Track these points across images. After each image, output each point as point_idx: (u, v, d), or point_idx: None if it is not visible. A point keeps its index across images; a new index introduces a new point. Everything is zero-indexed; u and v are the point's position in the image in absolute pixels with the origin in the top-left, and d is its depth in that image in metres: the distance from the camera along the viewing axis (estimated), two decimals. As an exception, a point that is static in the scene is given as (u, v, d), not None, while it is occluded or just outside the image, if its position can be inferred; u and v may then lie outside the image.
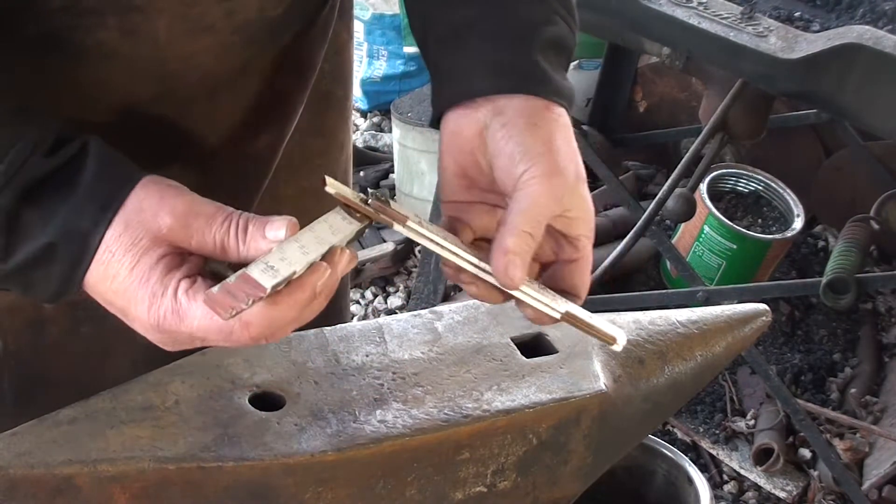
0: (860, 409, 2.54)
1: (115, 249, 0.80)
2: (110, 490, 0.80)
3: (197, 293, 0.78)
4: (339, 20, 1.15)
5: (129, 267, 0.80)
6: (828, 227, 3.04)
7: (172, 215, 0.80)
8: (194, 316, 0.79)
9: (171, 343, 0.83)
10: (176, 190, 0.82)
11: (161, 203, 0.80)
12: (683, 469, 1.35)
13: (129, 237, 0.80)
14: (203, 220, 0.80)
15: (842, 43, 1.85)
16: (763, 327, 1.12)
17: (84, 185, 0.80)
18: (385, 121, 3.63)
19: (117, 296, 0.81)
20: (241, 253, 0.80)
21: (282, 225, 0.79)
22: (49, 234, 0.80)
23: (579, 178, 0.89)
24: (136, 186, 0.81)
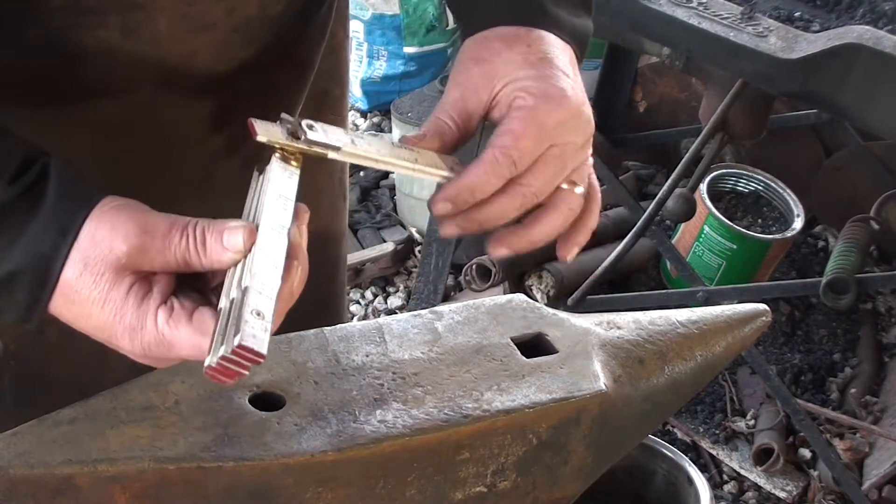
0: (860, 409, 2.54)
1: (79, 288, 0.80)
2: (110, 490, 0.80)
3: (178, 322, 0.79)
4: (336, 20, 1.16)
5: (99, 304, 0.80)
6: (828, 227, 3.04)
7: (127, 243, 0.79)
8: (182, 345, 0.79)
9: (153, 364, 0.83)
10: (127, 213, 0.81)
11: (113, 233, 0.79)
12: (683, 469, 1.35)
13: (90, 275, 0.80)
14: (160, 240, 0.80)
15: (842, 43, 1.85)
16: (763, 327, 1.12)
17: (45, 210, 0.80)
18: (385, 121, 3.63)
19: (97, 330, 0.82)
20: (203, 265, 0.80)
21: (238, 233, 0.79)
22: (13, 261, 0.80)
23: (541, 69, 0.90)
24: (92, 211, 0.80)
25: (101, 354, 1.11)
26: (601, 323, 1.04)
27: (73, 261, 0.80)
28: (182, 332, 0.79)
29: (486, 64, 0.91)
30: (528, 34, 0.92)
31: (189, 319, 0.79)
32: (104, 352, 1.11)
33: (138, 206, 0.82)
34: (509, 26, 0.93)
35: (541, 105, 0.88)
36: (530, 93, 0.89)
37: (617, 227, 2.80)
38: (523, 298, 1.05)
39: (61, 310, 0.82)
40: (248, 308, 0.75)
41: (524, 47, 0.91)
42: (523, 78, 0.90)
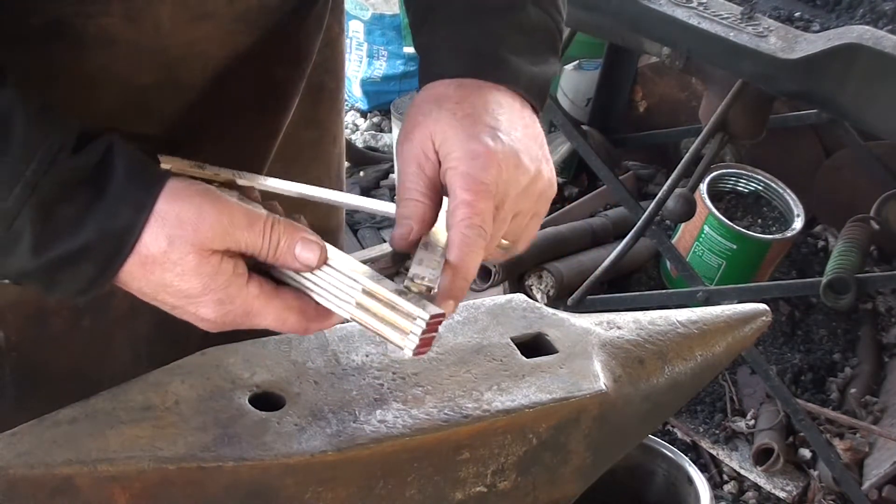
0: (860, 409, 2.54)
1: (163, 262, 0.83)
2: (110, 490, 0.80)
3: (269, 297, 0.85)
4: (332, 13, 1.16)
5: (186, 279, 0.84)
6: (828, 227, 3.03)
7: (212, 229, 0.83)
8: (265, 317, 0.86)
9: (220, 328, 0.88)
10: (209, 198, 0.84)
11: (200, 217, 0.83)
12: (683, 469, 1.35)
13: (176, 253, 0.83)
14: (241, 232, 0.84)
15: (842, 43, 1.85)
16: (763, 327, 1.12)
17: (115, 185, 0.82)
18: (385, 121, 3.62)
19: (170, 298, 0.85)
20: (270, 262, 0.86)
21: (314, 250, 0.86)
22: (85, 235, 0.81)
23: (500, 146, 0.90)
24: (165, 189, 0.83)
25: (103, 347, 1.11)
26: (601, 323, 1.04)
27: (156, 237, 0.82)
28: (271, 306, 0.85)
29: (422, 127, 0.91)
30: (458, 91, 0.92)
31: (276, 295, 0.86)
32: (106, 344, 1.11)
33: (214, 191, 0.85)
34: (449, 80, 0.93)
35: (470, 165, 0.88)
36: (455, 155, 0.89)
37: (617, 227, 2.80)
38: (523, 298, 1.05)
39: (133, 282, 0.85)
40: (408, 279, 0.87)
41: (452, 104, 0.91)
42: (450, 138, 0.90)
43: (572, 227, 2.79)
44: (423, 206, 0.91)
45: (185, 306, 0.86)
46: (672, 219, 2.51)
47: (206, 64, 1.01)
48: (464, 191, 0.88)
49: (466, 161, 0.89)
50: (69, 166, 0.81)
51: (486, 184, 0.88)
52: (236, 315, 0.86)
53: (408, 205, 0.91)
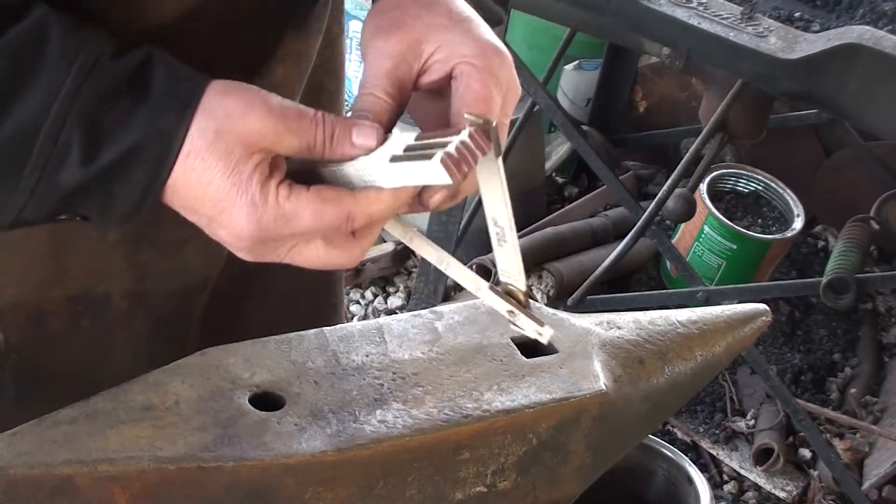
0: (860, 409, 2.54)
1: (206, 156, 0.81)
2: (110, 490, 0.80)
3: (299, 195, 0.82)
4: (332, 14, 1.16)
5: (223, 175, 0.82)
6: (828, 227, 3.04)
7: (261, 122, 0.82)
8: (302, 214, 0.82)
9: (259, 249, 0.85)
10: (256, 93, 0.83)
11: (249, 109, 0.82)
12: (683, 469, 1.35)
13: (222, 145, 0.81)
14: (292, 124, 0.83)
15: (842, 43, 1.85)
16: (763, 327, 1.12)
17: (158, 87, 0.81)
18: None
19: (207, 203, 0.83)
20: (325, 156, 0.84)
21: (371, 132, 0.84)
22: (132, 136, 0.80)
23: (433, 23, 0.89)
24: (210, 88, 0.82)
25: (102, 347, 1.11)
26: (601, 323, 1.04)
27: (203, 129, 0.81)
28: (303, 202, 0.82)
29: (408, 29, 0.89)
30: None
31: (308, 189, 0.83)
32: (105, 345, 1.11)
33: (262, 90, 0.84)
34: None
35: (486, 65, 0.88)
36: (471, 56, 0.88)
37: (617, 227, 2.81)
38: (523, 298, 1.05)
39: (178, 181, 0.83)
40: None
41: (445, 9, 0.90)
42: (457, 43, 0.88)
43: (572, 227, 2.80)
44: (387, 105, 0.89)
45: (220, 216, 0.83)
46: (672, 219, 2.51)
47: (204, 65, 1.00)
48: (482, 85, 0.87)
49: (482, 58, 0.87)
50: (109, 72, 0.80)
51: (501, 82, 0.88)
52: (270, 221, 0.82)
53: (367, 99, 0.89)
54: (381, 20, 0.91)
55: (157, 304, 1.12)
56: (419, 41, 0.89)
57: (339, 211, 0.84)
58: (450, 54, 0.89)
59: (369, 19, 0.92)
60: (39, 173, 0.80)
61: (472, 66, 0.88)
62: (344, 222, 0.84)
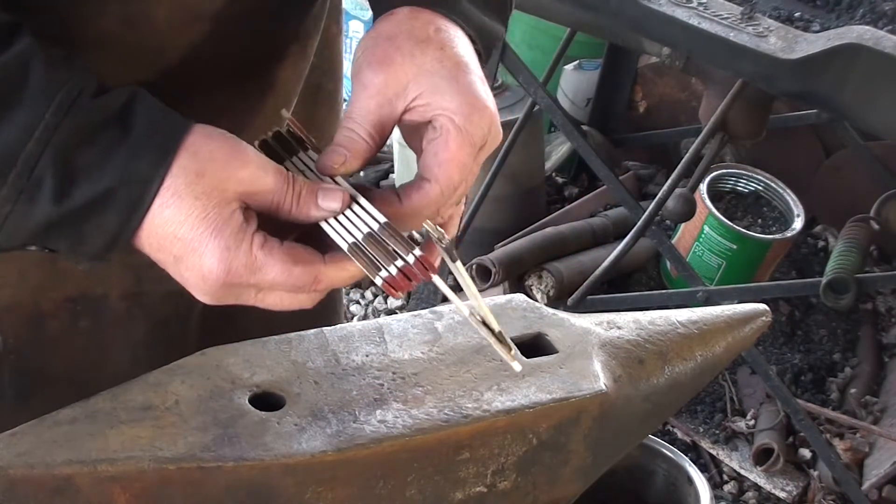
0: (860, 409, 2.54)
1: (185, 195, 0.81)
2: (110, 490, 0.80)
3: (272, 248, 0.83)
4: (330, 14, 1.16)
5: (199, 215, 0.82)
6: (828, 227, 3.04)
7: (244, 170, 0.83)
8: (270, 270, 0.83)
9: (222, 293, 0.85)
10: (239, 143, 0.84)
11: (232, 156, 0.83)
12: (683, 469, 1.35)
13: (203, 185, 0.81)
14: (269, 179, 0.84)
15: (842, 43, 1.85)
16: (763, 327, 1.12)
17: (138, 129, 0.81)
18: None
19: (177, 243, 0.83)
20: (290, 215, 0.85)
21: (336, 196, 0.85)
22: (107, 179, 0.80)
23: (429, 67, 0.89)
24: (194, 130, 0.83)
25: (101, 349, 1.11)
26: (601, 323, 1.04)
27: (185, 168, 0.81)
28: (275, 257, 0.83)
29: (396, 68, 0.89)
30: (439, 35, 0.90)
31: (280, 246, 0.84)
32: (103, 346, 1.11)
33: (240, 140, 0.85)
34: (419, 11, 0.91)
35: (464, 124, 0.87)
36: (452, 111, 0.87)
37: (617, 227, 2.81)
38: (523, 298, 1.05)
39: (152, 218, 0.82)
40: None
41: (437, 51, 0.89)
42: (442, 92, 0.88)
43: (572, 227, 2.80)
44: (365, 146, 0.89)
45: (188, 255, 0.83)
46: (672, 219, 2.51)
47: (203, 66, 1.00)
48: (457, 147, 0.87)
49: (461, 115, 0.87)
50: (89, 110, 0.80)
51: (476, 142, 0.88)
52: (240, 267, 0.83)
53: (350, 136, 0.89)
54: (374, 53, 0.90)
55: (155, 305, 1.12)
56: (405, 83, 0.89)
57: (307, 272, 0.85)
58: (432, 103, 0.88)
59: (363, 43, 0.92)
60: (12, 206, 0.80)
61: (452, 122, 0.88)
62: (310, 283, 0.85)
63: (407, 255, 0.84)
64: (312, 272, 0.85)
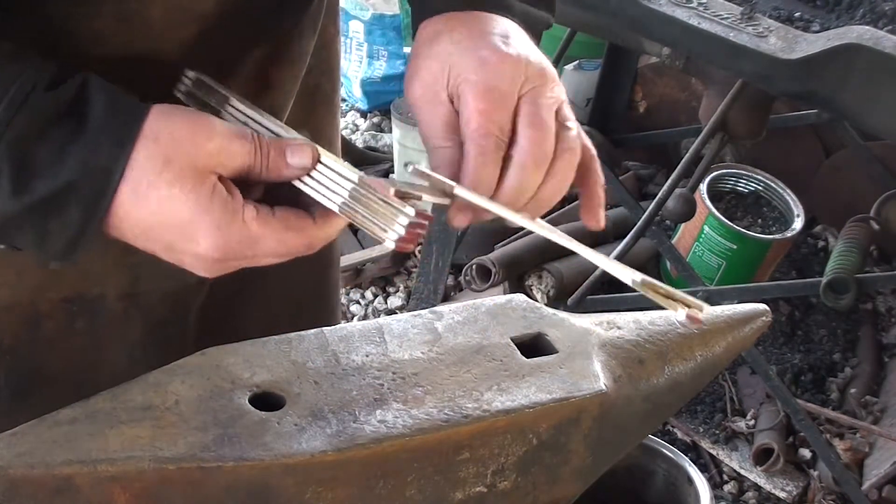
0: (860, 409, 2.54)
1: (159, 184, 0.81)
2: (110, 490, 0.80)
3: (267, 218, 0.83)
4: (327, 14, 1.16)
5: (181, 201, 0.81)
6: (828, 227, 3.04)
7: (210, 142, 0.82)
8: (267, 242, 0.83)
9: (219, 269, 0.86)
10: (199, 115, 0.84)
11: (195, 131, 0.82)
12: (683, 469, 1.35)
13: (174, 170, 0.81)
14: (236, 143, 0.83)
15: (842, 43, 1.85)
16: (763, 327, 1.12)
17: (95, 120, 0.80)
18: (385, 121, 3.63)
19: (164, 231, 0.82)
20: (262, 176, 0.84)
21: (305, 151, 0.84)
22: (67, 172, 0.79)
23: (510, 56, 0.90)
24: (152, 113, 0.82)
25: (98, 349, 1.11)
26: (601, 323, 1.04)
27: (151, 157, 0.80)
28: (270, 228, 0.83)
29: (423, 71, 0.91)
30: (451, 22, 0.92)
31: (274, 215, 0.84)
32: (100, 346, 1.11)
33: (201, 112, 0.84)
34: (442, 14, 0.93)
35: (481, 75, 0.88)
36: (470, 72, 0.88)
37: (617, 227, 2.80)
38: (523, 298, 1.05)
39: (126, 220, 0.82)
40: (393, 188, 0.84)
41: (448, 35, 0.91)
42: (458, 61, 0.89)
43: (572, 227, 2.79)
44: (448, 150, 0.90)
45: (180, 241, 0.83)
46: (672, 219, 2.51)
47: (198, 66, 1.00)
48: (475, 99, 0.87)
49: (476, 70, 0.88)
50: (43, 103, 0.79)
51: (497, 88, 0.88)
52: (235, 244, 0.83)
53: (435, 154, 0.90)
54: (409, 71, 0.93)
55: (153, 305, 1.12)
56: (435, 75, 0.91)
57: (301, 238, 0.86)
58: (454, 78, 0.90)
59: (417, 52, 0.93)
60: None
61: (468, 82, 0.88)
62: (305, 248, 0.86)
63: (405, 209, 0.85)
64: (307, 237, 0.86)
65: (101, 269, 1.06)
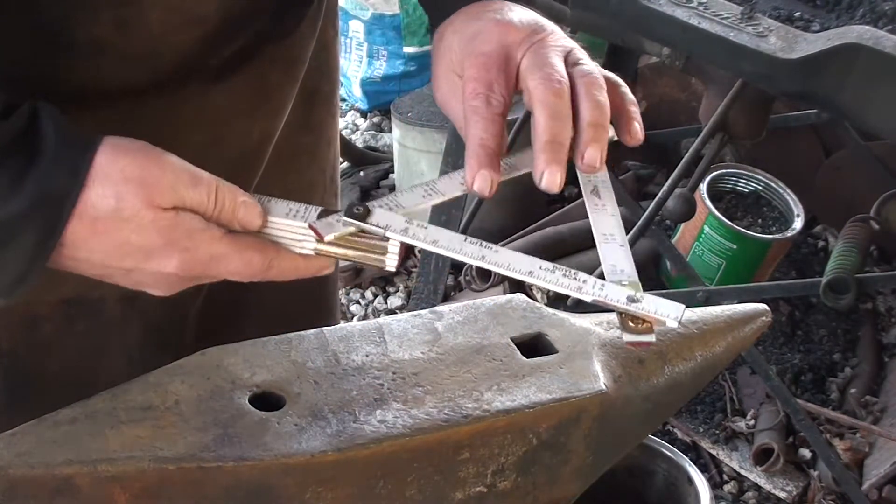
0: (860, 409, 2.54)
1: (115, 222, 0.81)
2: (110, 490, 0.80)
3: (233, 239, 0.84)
4: (326, 17, 1.16)
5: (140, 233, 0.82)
6: (828, 227, 3.04)
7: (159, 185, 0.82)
8: (231, 260, 0.85)
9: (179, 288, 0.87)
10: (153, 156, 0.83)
11: (145, 173, 0.81)
12: (683, 469, 1.35)
13: (128, 208, 0.81)
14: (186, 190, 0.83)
15: (842, 43, 1.85)
16: (763, 327, 1.12)
17: (47, 149, 0.80)
18: (385, 121, 3.63)
19: (127, 259, 0.83)
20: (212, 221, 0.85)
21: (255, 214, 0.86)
22: (21, 203, 0.79)
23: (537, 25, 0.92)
24: (99, 152, 0.81)
25: (96, 351, 1.11)
26: (601, 323, 1.04)
27: (103, 195, 0.81)
28: (235, 246, 0.85)
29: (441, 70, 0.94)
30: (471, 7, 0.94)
31: (239, 236, 0.86)
32: (98, 349, 1.11)
33: (154, 148, 0.84)
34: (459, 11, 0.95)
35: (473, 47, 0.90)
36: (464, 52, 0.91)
37: (617, 227, 2.80)
38: (523, 298, 1.05)
39: (82, 250, 0.82)
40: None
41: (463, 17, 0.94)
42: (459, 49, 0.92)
43: (572, 227, 2.79)
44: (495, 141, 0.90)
45: (144, 265, 0.84)
46: (672, 219, 2.51)
47: (199, 70, 1.00)
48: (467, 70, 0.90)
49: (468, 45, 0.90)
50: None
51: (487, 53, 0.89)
52: (199, 262, 0.84)
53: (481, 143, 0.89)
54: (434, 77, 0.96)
55: (151, 308, 1.12)
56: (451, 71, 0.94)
57: (263, 260, 0.86)
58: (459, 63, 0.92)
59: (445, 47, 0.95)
60: None
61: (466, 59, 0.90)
62: (265, 266, 0.86)
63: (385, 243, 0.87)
64: (268, 258, 0.87)
65: None
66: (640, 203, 2.38)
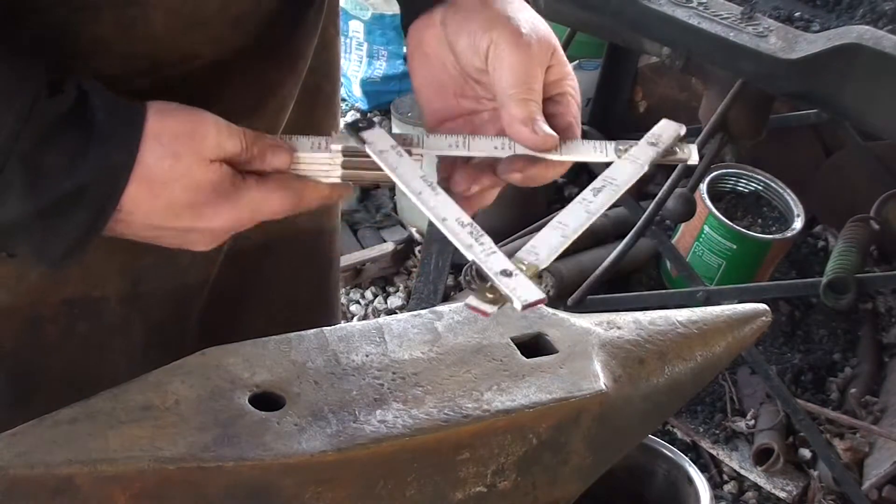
0: (860, 409, 2.54)
1: (169, 180, 0.85)
2: (110, 490, 0.80)
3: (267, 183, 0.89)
4: (327, 16, 1.16)
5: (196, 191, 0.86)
6: (828, 227, 3.04)
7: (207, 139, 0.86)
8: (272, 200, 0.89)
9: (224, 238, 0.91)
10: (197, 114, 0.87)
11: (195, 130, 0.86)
12: (683, 469, 1.35)
13: (182, 166, 0.85)
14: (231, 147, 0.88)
15: (842, 43, 1.85)
16: (763, 327, 1.12)
17: (100, 124, 0.83)
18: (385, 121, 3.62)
19: (181, 220, 0.87)
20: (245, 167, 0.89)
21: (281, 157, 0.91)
22: (81, 176, 0.82)
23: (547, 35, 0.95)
24: (148, 118, 0.85)
25: (98, 352, 1.11)
26: (601, 323, 1.04)
27: (159, 156, 0.84)
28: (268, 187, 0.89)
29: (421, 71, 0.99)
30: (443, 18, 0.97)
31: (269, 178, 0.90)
32: (101, 350, 1.11)
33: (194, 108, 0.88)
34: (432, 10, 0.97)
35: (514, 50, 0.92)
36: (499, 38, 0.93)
37: (617, 227, 2.80)
38: (523, 298, 1.05)
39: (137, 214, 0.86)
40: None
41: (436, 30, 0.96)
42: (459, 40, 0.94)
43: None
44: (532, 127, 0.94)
45: (197, 223, 0.88)
46: (672, 219, 2.51)
47: (201, 70, 1.00)
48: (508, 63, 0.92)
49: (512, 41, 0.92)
50: (48, 113, 0.82)
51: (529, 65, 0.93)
52: (244, 210, 0.88)
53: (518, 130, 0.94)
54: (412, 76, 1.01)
55: (153, 308, 1.12)
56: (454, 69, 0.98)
57: (294, 195, 0.91)
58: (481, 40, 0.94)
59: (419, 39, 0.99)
60: None
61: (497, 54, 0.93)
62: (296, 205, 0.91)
63: None
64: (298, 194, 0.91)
65: (102, 272, 1.06)
66: (640, 203, 2.38)
